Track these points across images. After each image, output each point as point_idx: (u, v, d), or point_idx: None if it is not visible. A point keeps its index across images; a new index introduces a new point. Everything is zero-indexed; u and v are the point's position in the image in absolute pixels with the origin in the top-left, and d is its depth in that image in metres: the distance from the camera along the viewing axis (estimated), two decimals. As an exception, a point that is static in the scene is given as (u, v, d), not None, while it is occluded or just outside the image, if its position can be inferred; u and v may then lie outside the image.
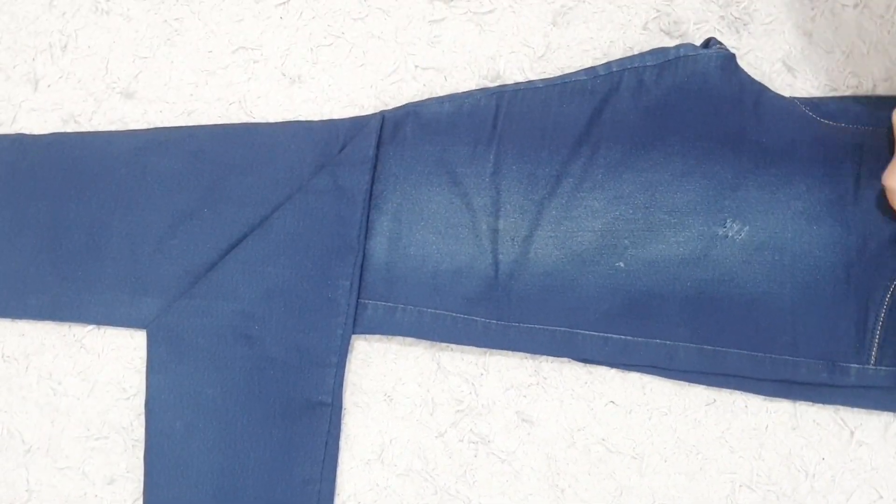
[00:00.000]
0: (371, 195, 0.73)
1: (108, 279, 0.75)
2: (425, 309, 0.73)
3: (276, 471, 0.71)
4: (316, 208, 0.72)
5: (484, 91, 0.73)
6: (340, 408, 0.73)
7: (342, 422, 0.73)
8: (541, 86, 0.72)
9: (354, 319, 0.73)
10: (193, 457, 0.71)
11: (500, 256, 0.73)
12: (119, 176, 0.76)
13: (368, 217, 0.73)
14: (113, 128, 0.77)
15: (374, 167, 0.73)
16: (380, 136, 0.73)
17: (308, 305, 0.72)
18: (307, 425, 0.72)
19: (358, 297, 0.73)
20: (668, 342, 0.71)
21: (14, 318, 0.76)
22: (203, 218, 0.75)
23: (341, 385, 0.73)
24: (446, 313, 0.73)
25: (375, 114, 0.74)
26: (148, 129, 0.77)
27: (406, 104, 0.74)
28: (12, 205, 0.76)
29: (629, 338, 0.71)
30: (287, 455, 0.71)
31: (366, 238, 0.73)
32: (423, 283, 0.73)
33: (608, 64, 0.72)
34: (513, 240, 0.73)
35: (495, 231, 0.73)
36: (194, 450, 0.71)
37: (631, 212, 0.72)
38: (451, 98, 0.73)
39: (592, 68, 0.72)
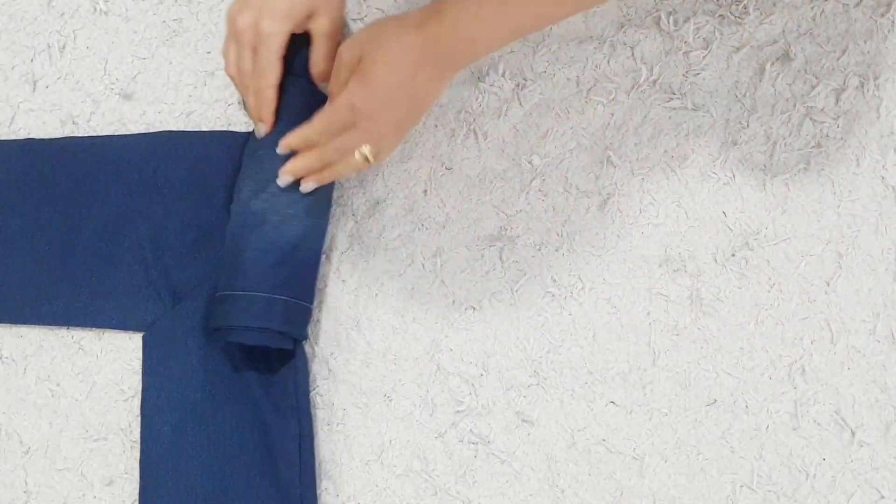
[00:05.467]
0: None
1: (121, 285, 0.75)
2: None
3: (260, 475, 0.71)
4: None
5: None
6: (309, 411, 0.71)
7: (342, 423, 0.73)
8: None
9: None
10: (182, 460, 0.71)
11: None
12: (130, 181, 0.76)
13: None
14: (112, 129, 0.77)
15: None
16: None
17: None
18: (279, 430, 0.71)
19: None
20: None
21: (28, 324, 0.76)
22: (215, 222, 0.74)
23: (306, 390, 0.72)
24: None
25: None
26: (158, 133, 0.76)
27: None
28: (23, 211, 0.76)
29: None
30: (269, 460, 0.71)
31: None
32: None
33: None
34: None
35: None
36: (183, 453, 0.71)
37: None
38: None
39: None
